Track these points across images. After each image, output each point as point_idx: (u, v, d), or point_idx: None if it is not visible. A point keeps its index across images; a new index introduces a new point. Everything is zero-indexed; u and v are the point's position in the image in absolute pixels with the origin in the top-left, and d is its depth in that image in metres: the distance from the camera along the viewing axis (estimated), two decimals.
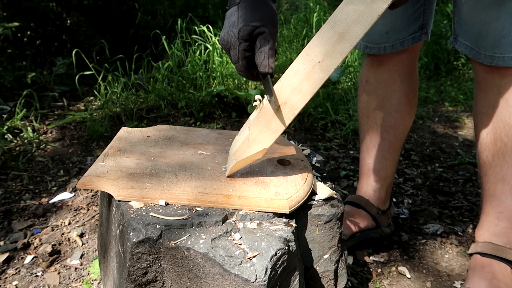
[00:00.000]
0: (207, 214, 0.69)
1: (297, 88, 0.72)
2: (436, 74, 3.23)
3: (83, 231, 1.26)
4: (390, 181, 1.24)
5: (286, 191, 0.73)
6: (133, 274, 0.66)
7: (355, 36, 0.69)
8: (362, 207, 1.22)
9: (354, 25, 0.69)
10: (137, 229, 0.64)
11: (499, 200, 1.03)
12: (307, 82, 0.71)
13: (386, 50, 1.13)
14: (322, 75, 0.71)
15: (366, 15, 0.69)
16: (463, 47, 1.02)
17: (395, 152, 1.22)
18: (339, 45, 0.69)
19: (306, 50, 0.72)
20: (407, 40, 1.12)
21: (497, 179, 1.02)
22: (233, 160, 0.76)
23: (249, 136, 0.74)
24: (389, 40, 1.11)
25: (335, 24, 0.70)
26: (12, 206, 1.38)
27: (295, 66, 0.72)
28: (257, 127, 0.74)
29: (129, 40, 2.90)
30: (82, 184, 0.75)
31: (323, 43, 0.70)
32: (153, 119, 2.12)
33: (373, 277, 1.11)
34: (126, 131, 0.98)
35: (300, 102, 0.72)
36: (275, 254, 0.63)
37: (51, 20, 2.84)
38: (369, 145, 1.23)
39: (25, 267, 1.11)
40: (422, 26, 1.11)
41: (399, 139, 1.21)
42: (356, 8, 0.69)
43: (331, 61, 0.70)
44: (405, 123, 1.20)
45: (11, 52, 2.56)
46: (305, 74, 0.71)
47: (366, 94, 1.22)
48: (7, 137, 1.82)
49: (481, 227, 1.08)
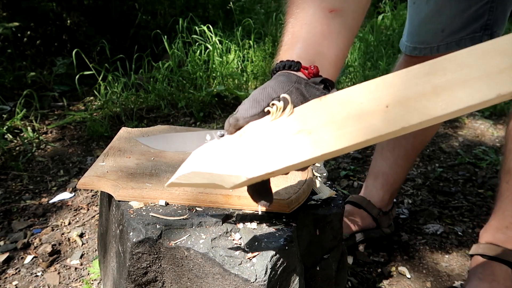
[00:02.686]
0: (207, 214, 0.69)
1: (337, 123, 0.48)
2: None
3: (83, 231, 1.26)
4: (397, 187, 1.23)
5: (286, 191, 0.73)
6: (133, 274, 0.66)
7: (452, 103, 0.45)
8: (363, 207, 1.22)
9: (462, 88, 0.45)
10: (137, 229, 0.64)
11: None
12: (356, 125, 0.47)
13: (439, 50, 1.02)
14: (381, 127, 0.46)
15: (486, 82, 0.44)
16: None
17: (409, 160, 1.19)
18: (427, 101, 0.45)
19: (377, 83, 0.49)
20: (465, 40, 1.00)
21: None
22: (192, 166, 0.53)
23: (236, 147, 0.52)
24: (444, 39, 1.00)
25: (436, 71, 0.47)
26: (12, 206, 1.38)
27: (353, 93, 0.49)
28: (252, 142, 0.51)
29: (129, 40, 2.90)
30: (82, 184, 0.75)
31: (404, 87, 0.47)
32: (153, 119, 2.12)
33: (373, 277, 1.11)
34: (126, 131, 0.98)
35: (332, 142, 0.47)
36: (275, 254, 0.63)
37: (51, 20, 2.84)
38: (384, 147, 1.20)
39: (25, 267, 1.11)
40: (485, 25, 0.99)
41: (416, 149, 1.17)
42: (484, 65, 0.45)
43: (403, 116, 0.46)
44: (426, 134, 1.16)
45: (11, 52, 2.56)
46: (360, 112, 0.47)
47: None
48: (7, 137, 1.82)
49: (487, 230, 1.07)
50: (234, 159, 0.50)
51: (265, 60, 2.70)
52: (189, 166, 0.53)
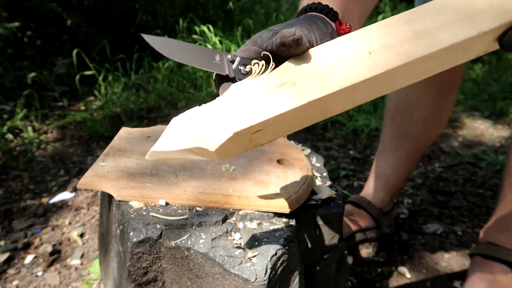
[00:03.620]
0: (207, 214, 0.69)
1: (321, 72, 0.48)
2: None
3: (83, 231, 1.26)
4: (398, 188, 1.23)
5: (286, 191, 0.74)
6: (133, 274, 0.66)
7: (435, 43, 0.48)
8: (363, 207, 1.22)
9: (443, 30, 0.48)
10: (137, 229, 0.64)
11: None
12: (340, 71, 0.48)
13: None
14: (365, 71, 0.48)
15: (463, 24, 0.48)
16: None
17: (412, 162, 1.18)
18: (409, 44, 0.48)
19: (358, 34, 0.51)
20: None
21: None
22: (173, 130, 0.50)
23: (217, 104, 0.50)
24: None
25: (415, 19, 0.50)
26: (12, 206, 1.38)
27: (333, 44, 0.51)
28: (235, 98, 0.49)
29: (130, 40, 2.90)
30: (82, 184, 0.75)
31: (385, 35, 0.49)
32: (153, 119, 2.12)
33: (373, 277, 1.12)
34: (126, 131, 0.98)
35: (317, 90, 0.47)
36: (275, 254, 0.63)
37: (52, 20, 2.84)
38: (386, 148, 1.19)
39: (25, 266, 1.12)
40: None
41: (419, 151, 1.16)
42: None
43: (386, 59, 0.48)
44: (429, 136, 1.14)
45: (11, 52, 2.56)
46: (343, 60, 0.49)
47: (396, 96, 1.14)
48: (8, 137, 1.82)
49: (487, 230, 1.08)
50: (217, 118, 0.47)
51: None
52: (170, 130, 0.50)
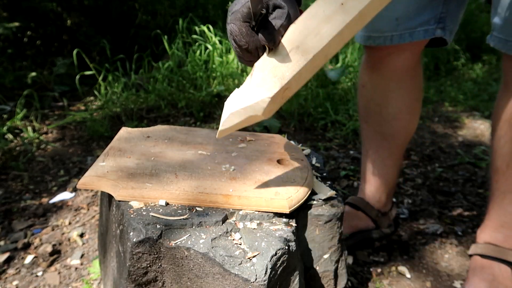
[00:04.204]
0: (207, 214, 0.69)
1: (313, 31, 0.64)
2: (436, 74, 3.23)
3: (83, 231, 1.26)
4: (391, 185, 1.22)
5: (286, 191, 0.74)
6: (133, 274, 0.66)
7: None
8: (361, 209, 1.22)
9: None
10: (137, 229, 0.64)
11: (506, 211, 1.02)
12: (326, 25, 0.63)
13: (393, 41, 1.01)
14: (345, 18, 0.63)
15: None
16: (496, 41, 0.92)
17: (396, 158, 1.18)
18: None
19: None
20: (418, 32, 0.99)
21: (507, 190, 1.00)
22: (228, 111, 0.65)
23: (251, 81, 0.65)
24: (398, 29, 0.99)
25: None
26: (12, 206, 1.38)
27: (313, 9, 0.65)
28: (262, 72, 0.64)
29: (130, 40, 2.90)
30: (82, 184, 0.75)
31: None
32: (153, 119, 2.12)
33: (373, 277, 1.12)
34: (126, 131, 0.98)
35: (316, 44, 0.63)
36: (275, 254, 0.63)
37: (51, 20, 2.84)
38: (368, 150, 1.19)
39: (25, 267, 1.12)
40: (439, 19, 0.98)
41: (399, 147, 1.16)
42: None
43: (356, 3, 0.63)
44: (405, 131, 1.14)
45: (11, 52, 2.56)
46: (325, 16, 0.64)
47: (363, 99, 1.15)
48: (7, 137, 1.82)
49: (483, 229, 1.08)
50: (254, 91, 0.64)
51: None
52: (226, 112, 0.66)
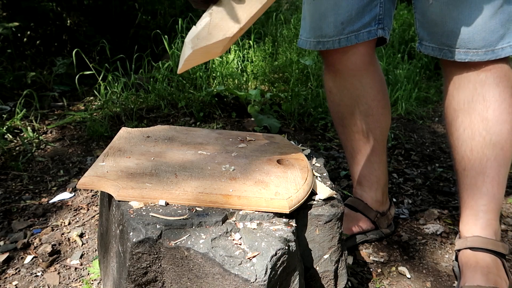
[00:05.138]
0: (207, 214, 0.69)
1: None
2: (436, 74, 3.23)
3: (83, 231, 1.26)
4: (383, 182, 1.23)
5: (286, 191, 0.73)
6: (133, 274, 0.66)
7: None
8: (360, 211, 1.22)
9: None
10: (137, 229, 0.64)
11: (481, 193, 1.03)
12: None
13: (341, 43, 1.07)
14: None
15: None
16: (430, 50, 1.02)
17: (380, 153, 1.20)
18: None
19: None
20: (362, 34, 1.07)
21: (477, 173, 1.03)
22: (189, 48, 0.69)
23: (210, 22, 0.69)
24: (344, 32, 1.07)
25: None
26: (12, 206, 1.38)
27: None
28: (220, 13, 0.69)
29: (129, 40, 2.90)
30: (82, 184, 0.75)
31: None
32: (153, 119, 2.12)
33: (373, 277, 1.11)
34: (126, 131, 0.98)
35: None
36: (275, 254, 0.63)
37: (51, 20, 2.84)
38: (352, 152, 1.22)
39: (25, 267, 1.11)
40: (378, 20, 1.07)
41: (380, 141, 1.19)
42: None
43: None
44: (381, 125, 1.17)
45: (11, 52, 2.56)
46: None
47: (333, 104, 1.19)
48: (7, 137, 1.82)
49: (465, 222, 1.08)
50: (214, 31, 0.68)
51: (265, 60, 2.70)
52: (188, 49, 0.68)
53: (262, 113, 2.13)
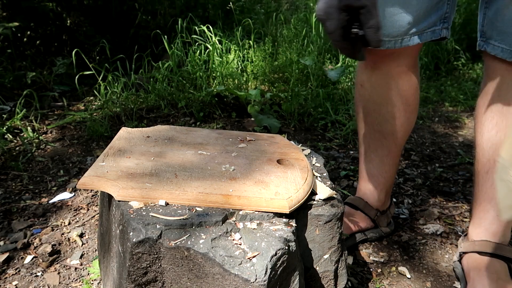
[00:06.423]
0: (207, 214, 0.69)
1: None
2: (436, 74, 3.23)
3: (83, 231, 1.26)
4: (389, 184, 1.23)
5: (286, 191, 0.73)
6: (133, 274, 0.66)
7: None
8: (360, 209, 1.22)
9: None
10: (137, 229, 0.64)
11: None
12: None
13: (402, 43, 1.01)
14: None
15: None
16: (499, 50, 0.95)
17: (394, 157, 1.18)
18: None
19: None
20: (426, 34, 1.00)
21: None
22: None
23: None
24: (409, 32, 0.99)
25: None
26: (12, 206, 1.38)
27: None
28: None
29: (129, 40, 2.90)
30: (82, 184, 0.75)
31: None
32: (153, 119, 2.12)
33: (373, 277, 1.11)
34: (126, 131, 0.98)
35: None
36: (275, 254, 0.63)
37: (51, 20, 2.84)
38: (367, 150, 1.20)
39: (25, 267, 1.11)
40: (444, 18, 1.00)
41: (398, 145, 1.17)
42: None
43: None
44: (404, 129, 1.15)
45: (11, 52, 2.55)
46: None
47: (362, 98, 1.15)
48: (7, 137, 1.82)
49: (477, 224, 1.07)
50: None
51: (265, 60, 2.70)
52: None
53: (262, 113, 2.13)
